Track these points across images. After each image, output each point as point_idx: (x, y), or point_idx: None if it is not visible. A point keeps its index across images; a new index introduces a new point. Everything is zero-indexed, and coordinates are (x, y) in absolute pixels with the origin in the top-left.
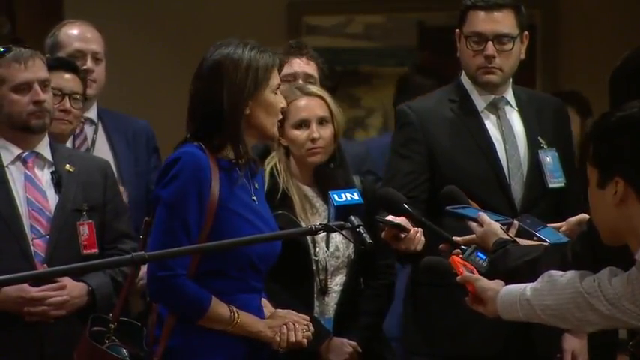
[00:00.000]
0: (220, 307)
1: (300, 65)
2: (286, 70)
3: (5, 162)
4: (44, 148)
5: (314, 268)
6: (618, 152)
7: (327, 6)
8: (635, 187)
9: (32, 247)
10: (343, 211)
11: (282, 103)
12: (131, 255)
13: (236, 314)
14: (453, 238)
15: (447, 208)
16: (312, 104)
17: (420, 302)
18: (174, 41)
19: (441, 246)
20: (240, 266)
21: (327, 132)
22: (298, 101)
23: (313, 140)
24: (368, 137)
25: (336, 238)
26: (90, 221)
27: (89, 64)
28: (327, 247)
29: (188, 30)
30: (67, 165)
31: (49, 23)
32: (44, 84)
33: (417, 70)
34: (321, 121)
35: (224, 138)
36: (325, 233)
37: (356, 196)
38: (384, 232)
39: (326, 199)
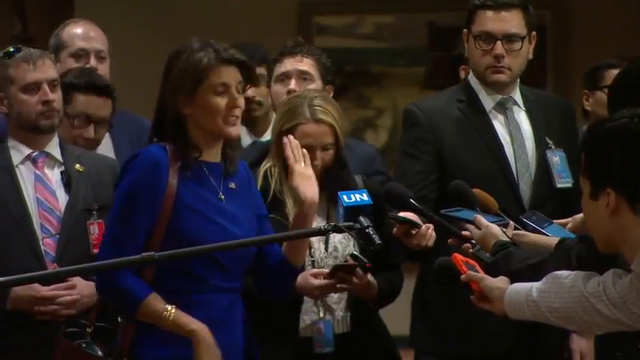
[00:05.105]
0: (157, 304)
1: (292, 63)
2: (279, 69)
3: (15, 162)
4: (54, 147)
5: (309, 268)
6: (608, 163)
7: (338, 6)
8: (627, 198)
9: (42, 247)
10: (352, 212)
11: (237, 102)
12: (141, 255)
13: (170, 312)
14: (462, 232)
15: (442, 211)
16: (321, 132)
17: (428, 302)
18: (184, 40)
19: (449, 240)
20: (204, 265)
21: (328, 154)
22: (307, 126)
23: (314, 165)
24: (378, 137)
25: (335, 238)
26: (100, 220)
27: (92, 62)
28: (326, 247)
29: (198, 29)
30: (77, 164)
31: (60, 21)
32: (53, 84)
33: None
34: (325, 147)
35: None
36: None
37: (365, 197)
38: (395, 229)
39: (330, 200)
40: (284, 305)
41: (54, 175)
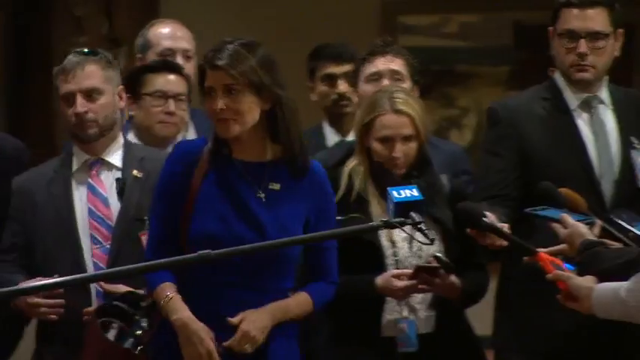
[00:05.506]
0: (163, 292)
1: (384, 63)
2: (370, 69)
3: (73, 169)
4: (111, 154)
5: (393, 268)
6: None
7: (423, 5)
8: None
9: (91, 258)
10: (403, 208)
11: (214, 105)
12: (197, 253)
13: (167, 298)
14: (538, 250)
15: (527, 210)
16: (400, 123)
17: (510, 298)
18: (270, 40)
19: (525, 258)
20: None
21: (410, 148)
22: (385, 117)
23: (394, 158)
24: (462, 137)
25: (419, 237)
26: None
27: (179, 61)
28: (410, 246)
29: (283, 29)
30: (135, 170)
31: (147, 21)
32: (89, 93)
33: None
34: (406, 139)
35: None
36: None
37: (415, 193)
38: (469, 228)
39: None
40: (366, 305)
41: (109, 183)
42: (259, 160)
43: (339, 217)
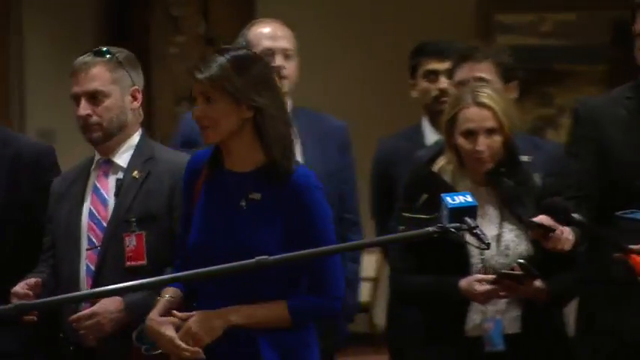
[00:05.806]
0: (162, 294)
1: (469, 70)
2: (457, 76)
3: (91, 168)
4: (120, 154)
5: (480, 266)
6: None
7: (519, 4)
8: None
9: (85, 260)
10: (457, 213)
11: (195, 113)
12: (255, 259)
13: (156, 301)
14: (630, 247)
15: (618, 213)
16: (482, 115)
17: (583, 299)
18: (365, 39)
19: (615, 255)
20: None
21: (494, 142)
22: (468, 110)
23: (478, 151)
24: (559, 136)
25: (506, 236)
26: (140, 232)
27: (279, 61)
28: (498, 245)
29: (379, 29)
30: (136, 171)
31: (243, 21)
32: (93, 95)
33: None
34: (490, 132)
35: None
36: (496, 233)
37: (469, 198)
38: (532, 232)
39: (503, 205)
40: (451, 305)
41: (112, 184)
42: (246, 169)
43: (426, 216)
